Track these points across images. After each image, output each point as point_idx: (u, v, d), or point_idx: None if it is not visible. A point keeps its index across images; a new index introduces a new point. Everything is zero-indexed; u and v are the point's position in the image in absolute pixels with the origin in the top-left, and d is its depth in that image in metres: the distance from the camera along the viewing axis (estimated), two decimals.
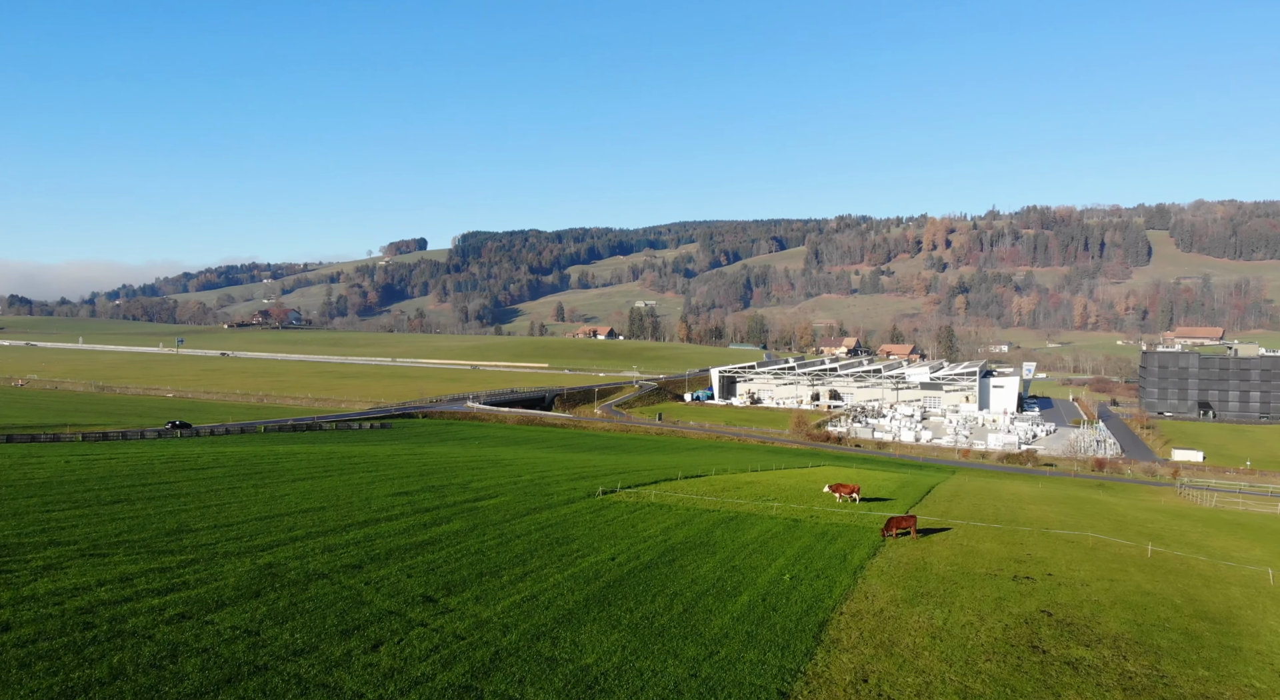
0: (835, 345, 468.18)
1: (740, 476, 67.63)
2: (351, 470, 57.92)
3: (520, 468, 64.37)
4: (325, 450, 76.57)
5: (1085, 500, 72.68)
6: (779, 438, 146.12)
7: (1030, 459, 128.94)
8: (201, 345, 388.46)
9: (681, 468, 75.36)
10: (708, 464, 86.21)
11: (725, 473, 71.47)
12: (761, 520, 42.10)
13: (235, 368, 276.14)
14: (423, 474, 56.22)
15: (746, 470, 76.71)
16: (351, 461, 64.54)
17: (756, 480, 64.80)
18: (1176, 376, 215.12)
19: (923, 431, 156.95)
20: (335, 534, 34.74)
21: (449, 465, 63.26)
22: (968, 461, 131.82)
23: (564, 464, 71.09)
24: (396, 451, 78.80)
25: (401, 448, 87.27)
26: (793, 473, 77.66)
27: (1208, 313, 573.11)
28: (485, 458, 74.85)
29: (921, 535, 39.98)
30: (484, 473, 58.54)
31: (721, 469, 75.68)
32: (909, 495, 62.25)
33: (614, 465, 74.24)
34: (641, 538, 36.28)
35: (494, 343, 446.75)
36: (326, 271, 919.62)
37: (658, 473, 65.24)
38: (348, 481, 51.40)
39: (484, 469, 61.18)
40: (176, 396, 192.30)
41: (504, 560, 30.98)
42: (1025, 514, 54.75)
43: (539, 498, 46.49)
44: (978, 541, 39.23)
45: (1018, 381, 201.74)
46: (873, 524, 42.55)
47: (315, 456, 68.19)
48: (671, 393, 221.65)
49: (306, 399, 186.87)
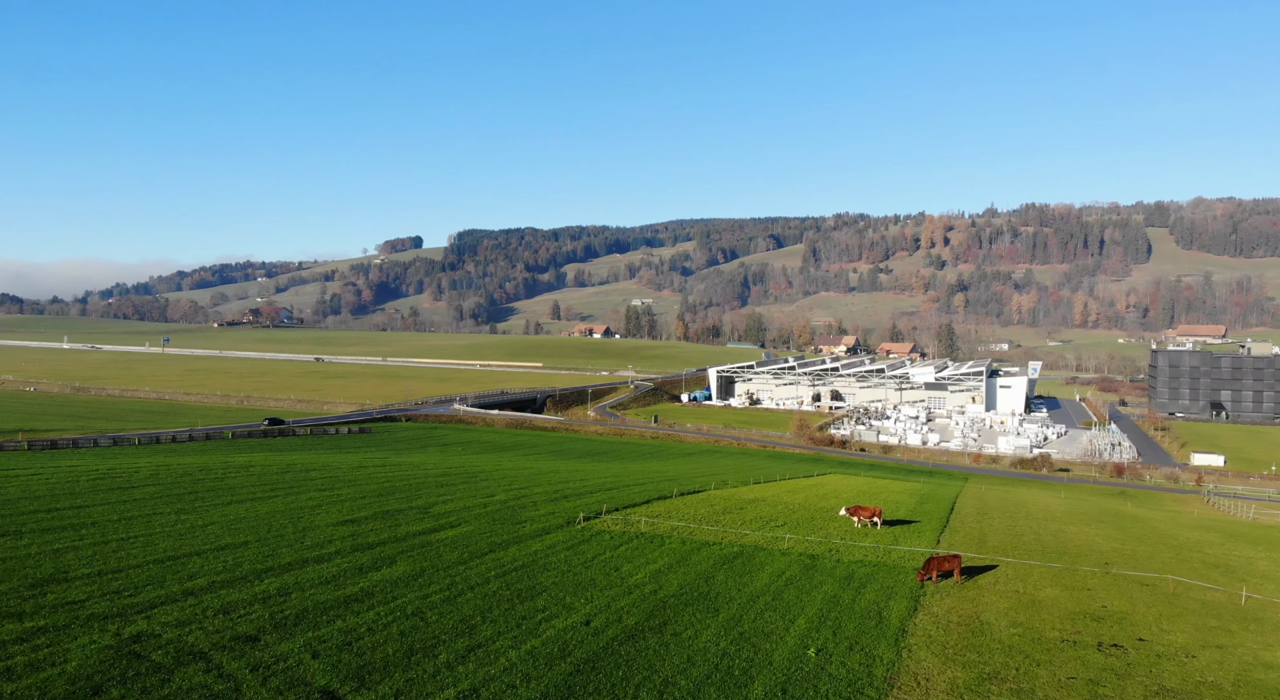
0: (834, 344, 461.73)
1: (743, 492, 60.83)
2: (303, 488, 51.03)
3: (496, 483, 57.50)
4: (286, 461, 69.68)
5: (1123, 516, 66.00)
6: (780, 441, 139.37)
7: (1045, 464, 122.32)
8: (190, 345, 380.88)
9: (677, 480, 68.60)
10: (706, 475, 79.41)
11: (726, 486, 64.68)
12: (772, 557, 35.24)
13: (221, 367, 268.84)
14: (383, 494, 49.31)
15: (749, 482, 69.94)
16: (308, 477, 57.66)
17: (761, 496, 58.01)
18: (1188, 376, 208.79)
19: (929, 434, 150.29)
20: (244, 584, 27.89)
21: (416, 481, 56.38)
22: (979, 467, 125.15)
23: (547, 477, 64.25)
24: (365, 462, 71.92)
25: (373, 457, 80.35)
26: (800, 485, 70.92)
27: (1209, 311, 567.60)
28: (461, 470, 67.99)
29: (966, 577, 33.21)
30: (453, 491, 51.64)
31: (721, 481, 68.90)
32: (932, 514, 55.49)
33: (603, 477, 67.45)
34: (626, 586, 29.43)
35: (488, 341, 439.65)
36: (321, 270, 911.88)
37: (650, 489, 58.39)
38: (292, 504, 44.52)
39: (454, 486, 54.27)
40: (156, 398, 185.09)
41: (446, 627, 24.07)
42: (1070, 539, 48.01)
43: (509, 527, 39.61)
44: (1036, 586, 32.43)
45: (1025, 382, 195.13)
46: (904, 561, 35.77)
47: (270, 470, 61.30)
48: (668, 393, 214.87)
49: (289, 400, 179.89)
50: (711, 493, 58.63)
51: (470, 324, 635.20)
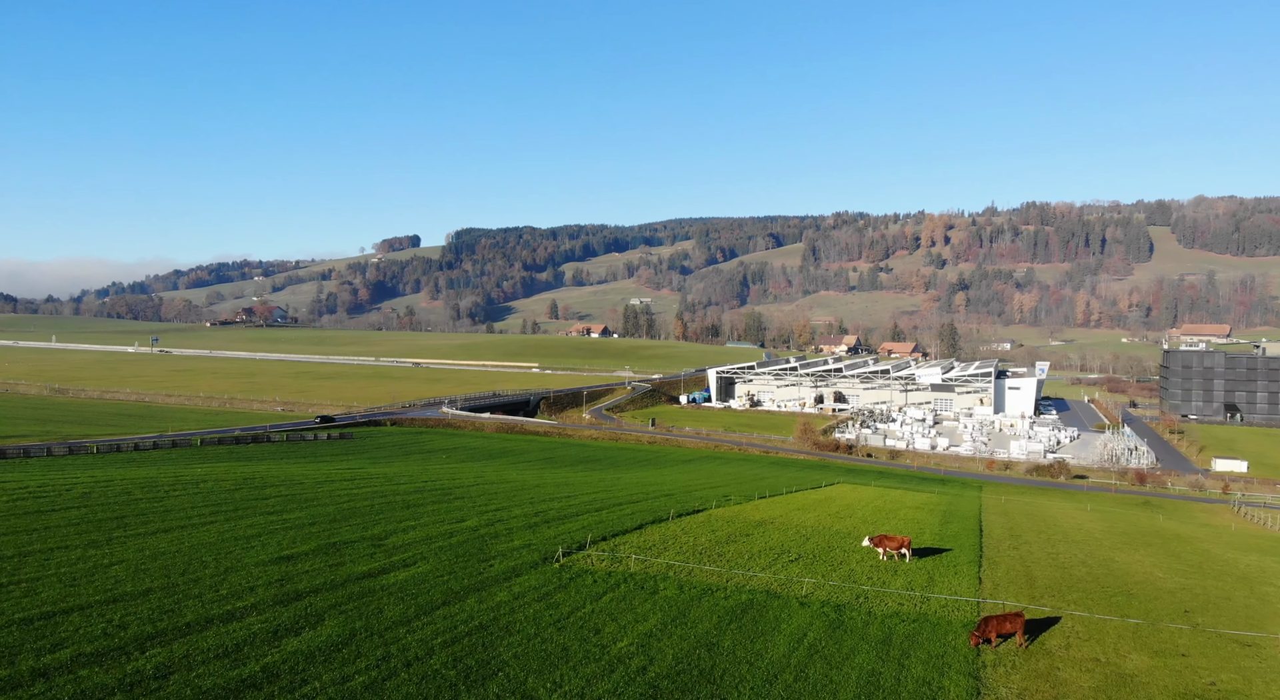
0: (835, 343, 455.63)
1: (747, 510, 54.64)
2: (249, 510, 44.71)
3: (472, 502, 51.25)
4: (246, 474, 63.39)
5: (1167, 536, 59.84)
6: (783, 447, 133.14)
7: (1062, 471, 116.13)
8: (181, 344, 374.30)
9: (675, 495, 62.44)
10: (706, 487, 73.26)
11: (728, 503, 58.49)
12: (789, 609, 29.03)
13: (209, 368, 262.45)
14: (338, 518, 43.03)
15: (753, 497, 63.76)
16: (261, 495, 51.33)
17: (768, 517, 51.84)
18: (1201, 377, 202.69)
19: (938, 438, 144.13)
20: (117, 659, 21.64)
21: (382, 500, 50.11)
22: (993, 474, 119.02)
23: (530, 493, 58.02)
24: (334, 474, 65.67)
25: (345, 468, 74.08)
26: (809, 500, 64.74)
27: (1213, 310, 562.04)
28: (437, 484, 61.74)
29: (1030, 637, 27.02)
30: (420, 514, 45.38)
31: (723, 497, 62.72)
32: (961, 538, 49.32)
33: (592, 492, 61.27)
34: (608, 660, 23.17)
35: (484, 341, 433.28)
36: (318, 269, 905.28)
37: (644, 509, 52.15)
38: (227, 534, 38.24)
39: (423, 507, 48.00)
40: (136, 400, 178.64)
41: None
42: (1125, 571, 41.87)
43: (473, 566, 33.37)
44: (1118, 651, 26.27)
45: (1035, 383, 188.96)
46: (948, 612, 29.61)
47: (223, 485, 54.95)
48: (666, 394, 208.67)
49: (275, 402, 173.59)
50: (713, 512, 52.43)
51: (467, 323, 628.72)
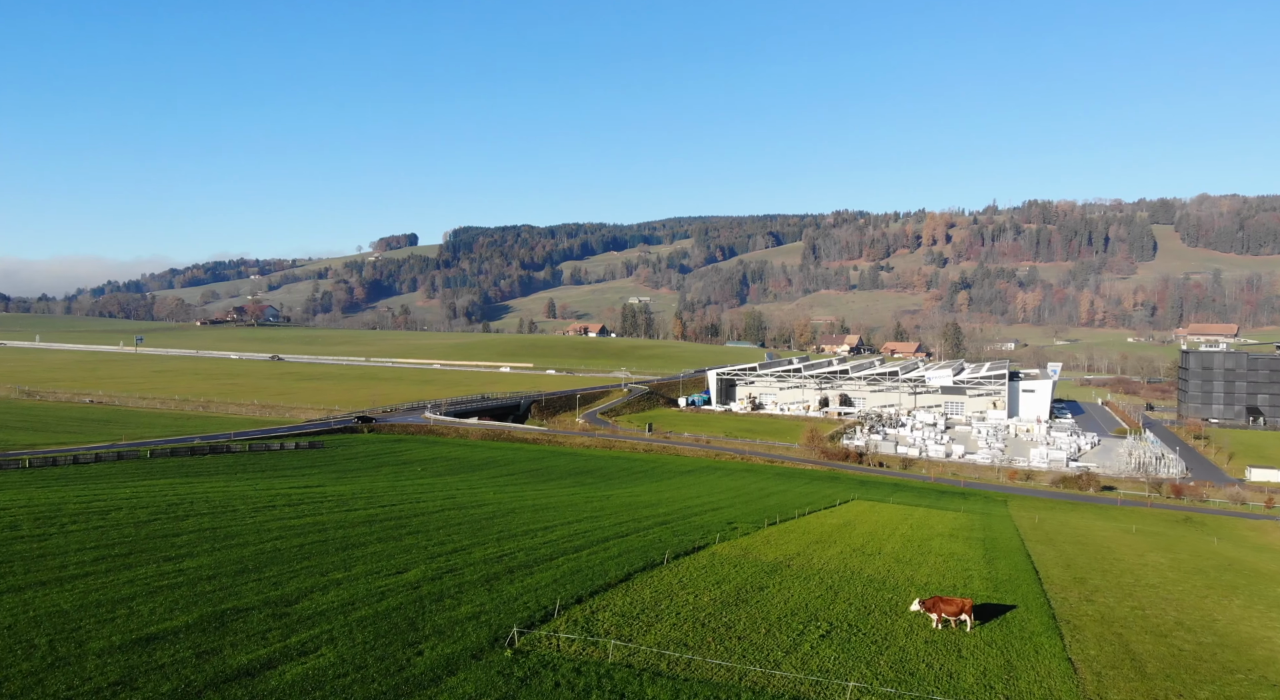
0: (837, 343, 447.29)
1: (758, 546, 46.08)
2: (146, 555, 35.96)
3: (424, 543, 42.63)
4: (174, 497, 54.74)
5: (1247, 571, 51.32)
6: (789, 455, 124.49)
7: (1091, 483, 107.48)
8: (168, 344, 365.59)
9: (672, 522, 53.94)
10: (707, 506, 64.73)
11: (734, 534, 49.94)
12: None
13: (191, 368, 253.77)
14: (248, 568, 34.36)
15: (762, 523, 55.22)
16: (176, 529, 42.65)
17: (784, 557, 43.30)
18: (1223, 379, 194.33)
19: (953, 445, 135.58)
20: None
21: (317, 537, 41.52)
22: (1016, 486, 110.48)
23: (501, 525, 49.44)
24: (278, 497, 57.02)
25: (296, 487, 65.42)
26: (826, 525, 56.19)
27: (1219, 309, 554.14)
28: (395, 511, 53.14)
29: None
30: (354, 559, 36.77)
31: (727, 523, 54.18)
32: (1017, 583, 40.75)
33: (575, 520, 52.74)
34: None
35: (479, 340, 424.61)
36: (315, 268, 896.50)
37: (634, 547, 43.55)
38: (94, 595, 29.60)
39: (362, 549, 39.35)
40: (105, 403, 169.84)
41: None
42: (1231, 632, 33.43)
43: (395, 653, 24.80)
44: None
45: (1050, 385, 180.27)
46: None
47: (136, 515, 46.22)
48: (664, 397, 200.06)
49: (252, 406, 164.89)
50: (716, 549, 43.85)
51: (463, 323, 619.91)
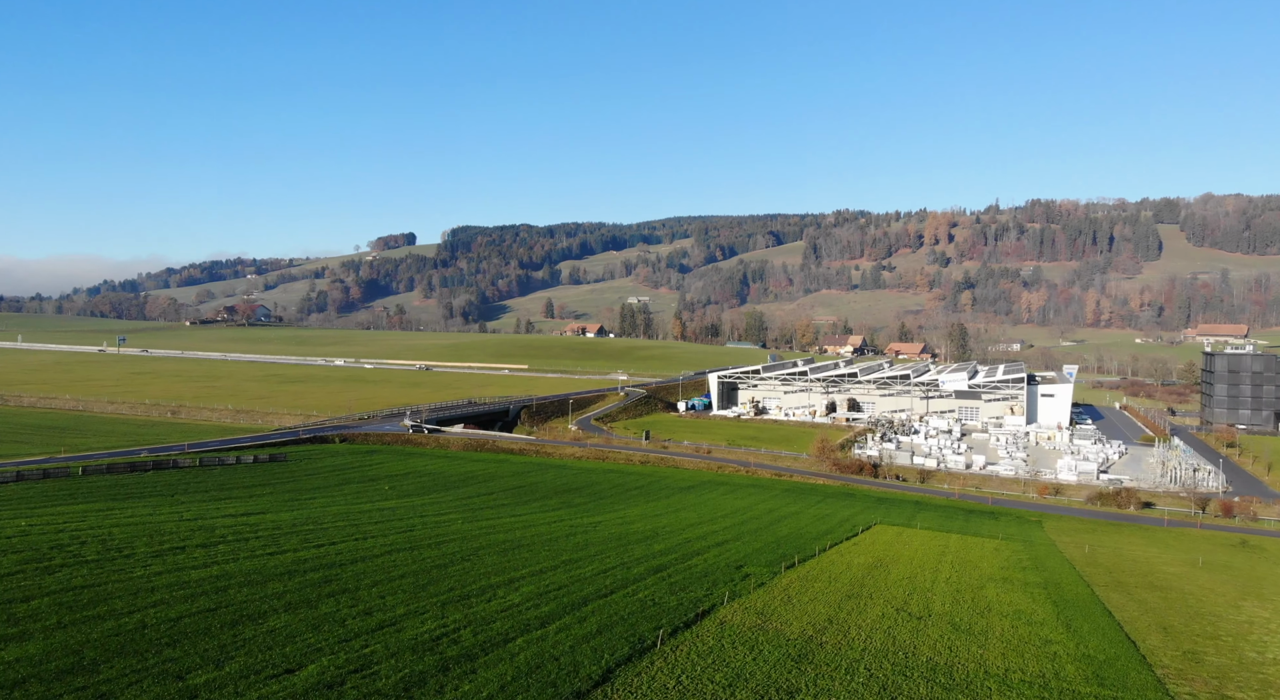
0: (840, 344, 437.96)
1: (776, 606, 36.79)
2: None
3: (347, 609, 33.33)
4: (71, 532, 45.29)
5: None
6: (798, 467, 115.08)
7: (1131, 500, 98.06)
8: (156, 344, 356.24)
9: (669, 568, 44.68)
10: (712, 544, 55.41)
11: (746, 586, 40.64)
12: None
13: (172, 370, 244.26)
14: (91, 662, 25.06)
15: (778, 566, 45.95)
16: (38, 587, 33.29)
17: (814, 624, 34.03)
18: (1250, 383, 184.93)
19: (973, 456, 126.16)
20: None
21: (204, 605, 32.22)
22: (1047, 503, 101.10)
23: (457, 575, 40.11)
24: (201, 531, 47.62)
25: (234, 514, 55.97)
26: (855, 566, 46.91)
27: (1227, 309, 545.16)
28: (331, 553, 43.81)
29: None
30: (243, 639, 27.46)
31: (737, 569, 44.90)
32: (1116, 665, 31.39)
33: (551, 564, 43.46)
34: None
35: (474, 341, 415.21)
36: (312, 267, 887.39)
37: (618, 615, 34.18)
38: None
39: (259, 622, 30.03)
40: (70, 408, 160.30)
41: None
42: None
43: None
44: None
45: (1070, 389, 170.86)
46: None
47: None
48: (663, 401, 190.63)
49: (227, 411, 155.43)
50: (725, 617, 34.52)
51: (459, 322, 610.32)
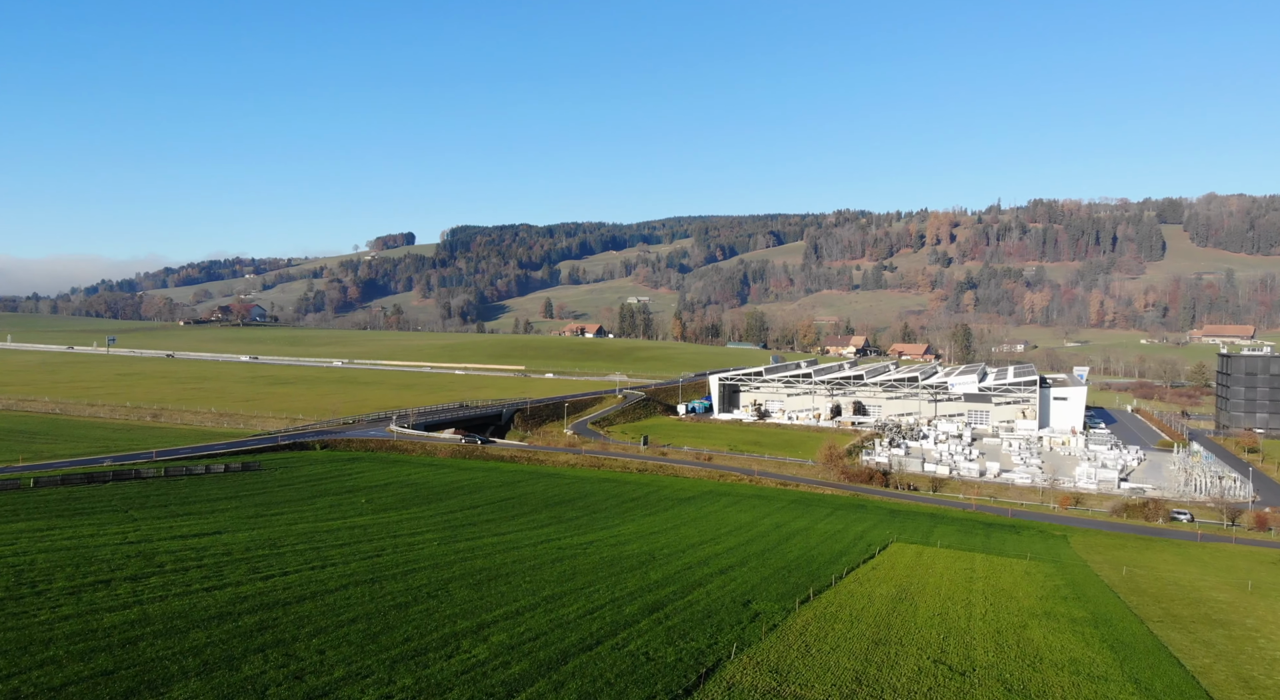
0: (842, 344, 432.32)
1: (795, 656, 31.01)
2: None
3: (257, 689, 27.60)
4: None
5: None
6: (804, 476, 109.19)
7: (1160, 512, 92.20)
8: (148, 344, 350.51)
9: (669, 605, 38.85)
10: (714, 569, 49.56)
11: (757, 628, 34.85)
12: None
13: (159, 371, 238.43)
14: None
15: (791, 601, 40.18)
16: None
17: (840, 687, 28.27)
18: (1268, 385, 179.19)
19: (987, 463, 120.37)
20: None
21: (100, 663, 26.47)
22: (1070, 515, 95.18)
23: (412, 623, 34.32)
24: (135, 558, 41.81)
25: (183, 536, 50.06)
26: (878, 596, 41.17)
27: (1232, 310, 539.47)
28: (282, 585, 38.00)
29: None
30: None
31: (745, 606, 39.12)
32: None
33: (530, 601, 37.65)
34: None
35: (470, 341, 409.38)
36: (310, 267, 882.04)
37: (606, 674, 28.41)
38: None
39: (156, 697, 24.28)
40: (48, 412, 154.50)
41: None
42: None
43: None
44: None
45: (1083, 392, 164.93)
46: None
47: None
48: (662, 404, 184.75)
49: (210, 415, 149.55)
50: (734, 677, 28.73)
51: (457, 322, 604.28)
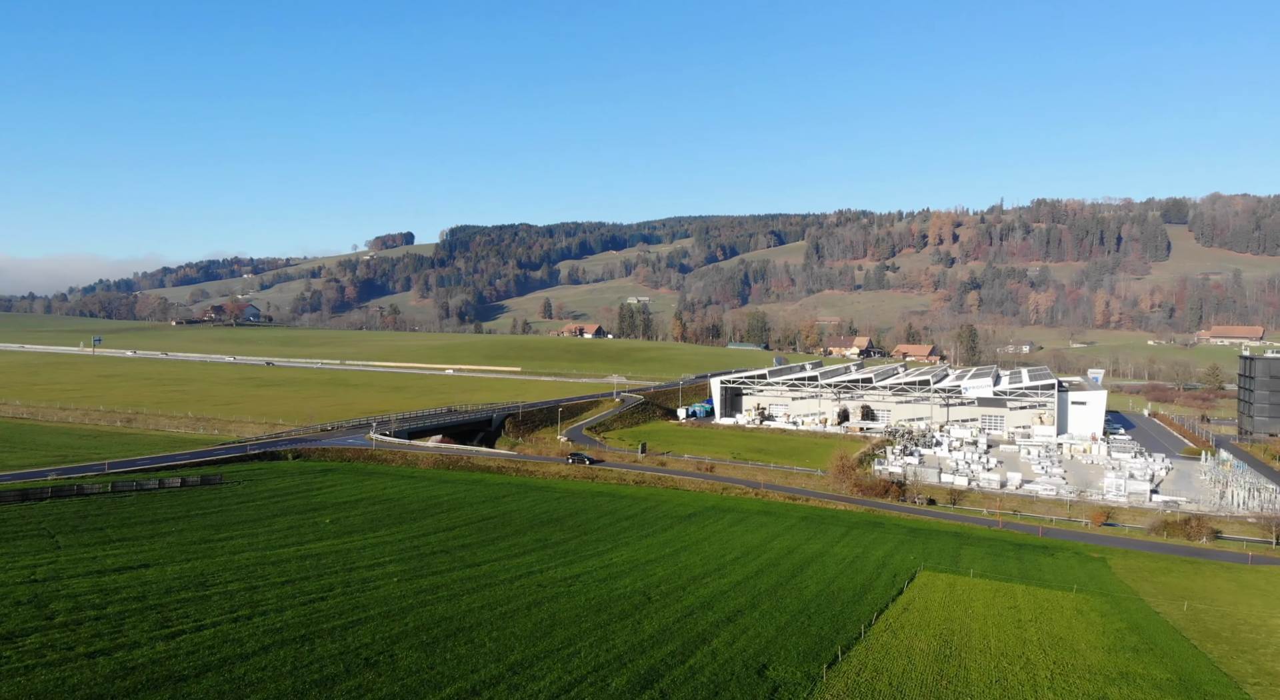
0: (845, 345, 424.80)
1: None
2: None
3: None
4: None
5: None
6: (812, 488, 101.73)
7: (1203, 531, 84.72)
8: (138, 345, 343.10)
9: (666, 675, 31.57)
10: (719, 613, 42.11)
11: (770, 693, 27.55)
12: None
13: (144, 372, 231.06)
14: None
15: (819, 668, 32.84)
16: None
17: None
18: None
19: (1008, 473, 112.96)
20: None
21: None
22: (1103, 534, 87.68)
23: (363, 686, 26.92)
24: (19, 609, 34.52)
25: (100, 570, 42.47)
26: (916, 653, 33.85)
27: (1239, 310, 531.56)
28: (188, 649, 30.55)
29: None
30: None
31: (760, 676, 31.81)
32: None
33: (491, 680, 30.30)
34: None
35: (467, 342, 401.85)
36: (308, 266, 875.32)
37: None
38: None
39: None
40: (15, 417, 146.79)
41: None
42: None
43: None
44: None
45: (1103, 397, 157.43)
46: None
47: None
48: (661, 407, 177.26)
49: (186, 419, 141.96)
50: None
51: (455, 322, 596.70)
